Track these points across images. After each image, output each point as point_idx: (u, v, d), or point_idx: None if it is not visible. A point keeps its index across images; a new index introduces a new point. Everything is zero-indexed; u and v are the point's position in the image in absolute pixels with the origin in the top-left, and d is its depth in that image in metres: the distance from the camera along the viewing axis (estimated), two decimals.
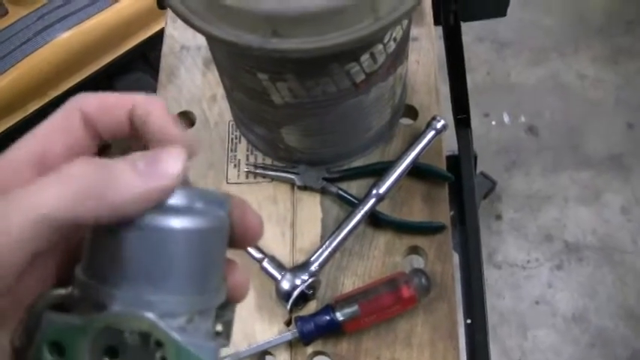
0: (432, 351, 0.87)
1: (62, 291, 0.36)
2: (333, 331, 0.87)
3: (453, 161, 1.39)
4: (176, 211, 0.35)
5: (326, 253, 0.90)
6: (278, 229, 0.96)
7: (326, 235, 0.93)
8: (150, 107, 0.37)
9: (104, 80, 1.89)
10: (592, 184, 2.22)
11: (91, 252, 0.35)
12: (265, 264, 0.90)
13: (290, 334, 0.87)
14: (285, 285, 0.87)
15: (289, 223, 0.96)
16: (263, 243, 0.94)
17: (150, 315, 0.33)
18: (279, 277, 0.88)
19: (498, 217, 2.18)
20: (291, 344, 0.89)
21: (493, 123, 2.36)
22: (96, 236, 0.35)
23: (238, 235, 0.39)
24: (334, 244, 0.90)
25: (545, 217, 2.18)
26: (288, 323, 0.91)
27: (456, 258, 1.47)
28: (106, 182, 0.32)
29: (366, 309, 0.85)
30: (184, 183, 0.36)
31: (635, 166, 2.24)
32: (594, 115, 2.35)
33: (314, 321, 0.86)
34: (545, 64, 2.49)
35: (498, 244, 2.15)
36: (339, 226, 0.91)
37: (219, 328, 0.39)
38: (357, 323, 0.86)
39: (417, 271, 0.88)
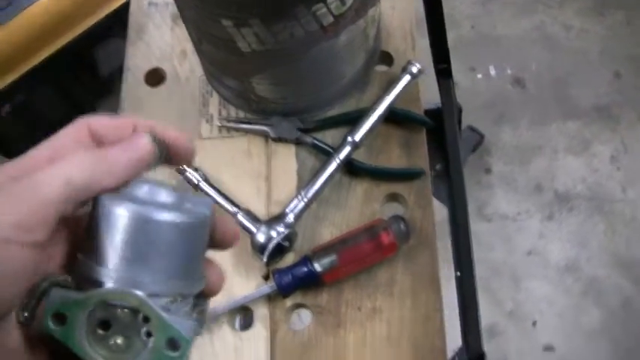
0: (414, 299, 0.85)
1: (63, 275, 0.40)
2: (312, 282, 0.85)
3: (436, 113, 1.36)
4: (169, 207, 0.42)
5: (302, 203, 0.88)
6: (253, 183, 0.94)
7: (302, 187, 0.91)
8: (152, 124, 0.45)
9: (84, 49, 1.86)
10: (580, 134, 2.20)
11: (92, 238, 0.40)
12: (240, 217, 0.88)
13: (268, 287, 0.85)
14: (261, 237, 0.85)
15: (264, 177, 0.94)
16: (238, 197, 0.92)
17: (140, 293, 0.39)
18: (254, 230, 0.86)
19: (488, 170, 2.16)
20: (269, 298, 0.87)
21: (479, 76, 2.33)
22: (97, 225, 0.40)
23: (217, 236, 0.46)
24: (310, 194, 0.88)
25: (534, 168, 2.16)
26: (266, 277, 0.89)
27: (445, 212, 1.45)
28: (101, 158, 0.40)
29: (345, 258, 0.84)
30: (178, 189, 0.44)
31: (623, 115, 2.22)
32: (581, 66, 2.32)
33: (292, 273, 0.84)
34: (531, 16, 2.45)
35: (488, 198, 2.13)
36: (314, 176, 0.89)
37: (194, 315, 0.43)
38: (336, 273, 0.84)
39: (396, 218, 0.86)
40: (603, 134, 2.19)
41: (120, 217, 0.40)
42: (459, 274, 1.40)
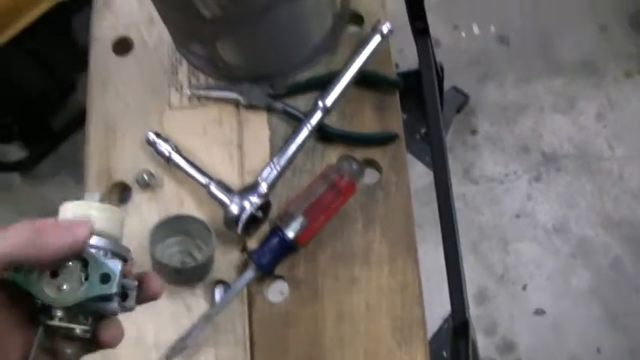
0: (391, 267, 0.83)
1: None
2: (288, 250, 0.83)
3: (416, 75, 1.33)
4: None
5: (274, 172, 0.86)
6: (226, 152, 0.91)
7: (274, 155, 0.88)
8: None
9: (62, 18, 1.81)
10: (566, 91, 2.16)
11: None
12: (213, 189, 0.85)
13: (252, 271, 0.82)
14: (234, 209, 0.82)
15: (236, 145, 0.92)
16: (210, 168, 0.89)
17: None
18: (227, 201, 0.84)
19: (474, 131, 2.13)
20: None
21: (463, 35, 2.28)
22: None
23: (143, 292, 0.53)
24: (282, 162, 0.86)
25: (520, 128, 2.12)
26: (243, 249, 0.87)
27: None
28: (39, 236, 0.46)
29: (312, 215, 0.82)
30: None
31: (608, 70, 2.18)
32: (565, 21, 2.27)
33: (268, 249, 0.82)
34: None
35: (475, 159, 2.10)
36: (285, 143, 0.87)
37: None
38: (308, 232, 0.82)
39: (344, 158, 0.85)
40: (588, 91, 2.16)
41: None
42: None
